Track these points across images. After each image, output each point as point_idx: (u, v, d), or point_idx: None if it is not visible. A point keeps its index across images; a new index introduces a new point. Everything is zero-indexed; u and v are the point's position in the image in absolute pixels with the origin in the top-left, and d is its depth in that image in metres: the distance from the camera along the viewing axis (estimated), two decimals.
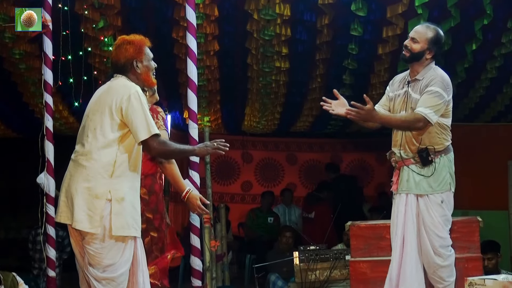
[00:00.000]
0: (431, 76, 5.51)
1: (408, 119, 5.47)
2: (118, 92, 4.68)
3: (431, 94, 5.43)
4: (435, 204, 5.51)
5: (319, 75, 10.21)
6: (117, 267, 4.62)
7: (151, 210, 5.73)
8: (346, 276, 7.40)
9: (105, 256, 4.59)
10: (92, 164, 4.60)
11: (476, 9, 8.25)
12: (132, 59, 4.83)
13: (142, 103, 4.66)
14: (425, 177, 5.52)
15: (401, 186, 5.60)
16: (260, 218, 12.05)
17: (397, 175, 5.66)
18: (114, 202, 4.56)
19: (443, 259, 5.51)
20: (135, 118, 4.60)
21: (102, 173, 4.59)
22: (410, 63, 5.64)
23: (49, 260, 7.37)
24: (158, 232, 5.76)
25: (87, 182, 4.58)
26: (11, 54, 9.49)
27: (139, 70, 4.84)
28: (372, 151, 13.92)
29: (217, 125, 12.96)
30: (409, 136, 5.56)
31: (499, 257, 7.66)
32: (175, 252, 5.93)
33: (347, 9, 8.21)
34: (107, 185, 4.58)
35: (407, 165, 5.59)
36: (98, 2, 8.40)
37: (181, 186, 5.58)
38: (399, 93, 5.70)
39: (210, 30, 8.93)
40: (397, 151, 5.64)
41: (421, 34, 5.59)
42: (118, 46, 4.89)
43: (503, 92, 10.95)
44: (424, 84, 5.52)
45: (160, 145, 4.67)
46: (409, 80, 5.64)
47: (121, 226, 4.57)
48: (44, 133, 7.33)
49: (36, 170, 7.38)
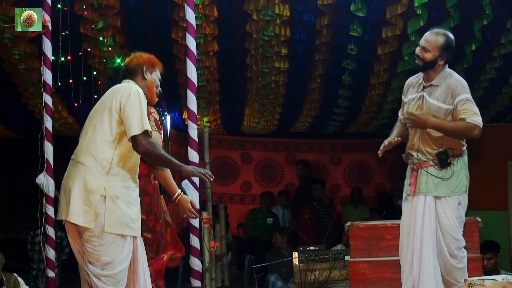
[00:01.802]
0: (451, 84, 5.59)
1: (461, 127, 5.52)
2: (120, 91, 4.77)
3: (466, 102, 5.53)
4: (452, 206, 5.56)
5: (319, 75, 10.22)
6: (116, 264, 4.66)
7: (144, 211, 5.71)
8: (346, 276, 7.40)
9: (103, 253, 4.63)
10: (89, 160, 4.65)
11: (476, 9, 8.24)
12: (143, 65, 4.97)
13: (141, 102, 4.71)
14: (443, 180, 5.56)
15: (420, 187, 5.61)
16: (259, 219, 12.06)
17: (415, 177, 5.67)
18: (108, 199, 4.61)
19: (458, 260, 5.56)
20: (131, 113, 4.65)
21: (99, 168, 4.64)
22: (425, 71, 5.68)
23: (49, 261, 7.37)
24: (152, 233, 5.74)
25: (83, 177, 4.63)
26: (10, 54, 9.48)
27: (147, 77, 4.97)
28: (371, 152, 13.84)
29: (216, 126, 12.96)
30: (427, 139, 5.62)
31: (498, 257, 7.67)
32: (173, 253, 5.91)
33: (346, 10, 8.21)
34: (102, 181, 4.63)
35: (425, 167, 5.62)
36: (98, 2, 8.40)
37: (172, 188, 5.61)
38: (413, 97, 5.74)
39: (209, 31, 8.93)
40: (414, 153, 5.67)
41: (431, 42, 5.59)
42: (134, 54, 5.08)
43: (503, 92, 10.95)
44: (446, 93, 5.57)
45: (148, 144, 4.68)
46: (425, 85, 5.67)
47: (114, 223, 4.62)
48: (44, 134, 7.33)
49: (35, 171, 7.38)
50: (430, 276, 5.48)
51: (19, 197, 13.93)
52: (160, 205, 5.87)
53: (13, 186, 14.10)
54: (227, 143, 14.00)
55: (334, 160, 14.48)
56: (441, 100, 5.59)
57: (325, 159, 14.51)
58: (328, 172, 14.44)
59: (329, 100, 11.29)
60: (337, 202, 13.90)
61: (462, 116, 5.50)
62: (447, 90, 5.58)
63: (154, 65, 5.04)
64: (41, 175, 7.33)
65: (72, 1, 8.23)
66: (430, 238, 5.50)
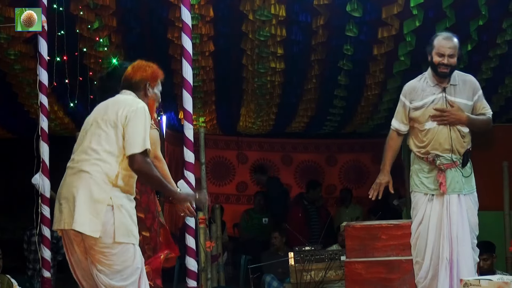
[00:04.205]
0: (469, 80, 5.86)
1: (487, 121, 5.91)
2: (127, 103, 4.69)
3: (482, 97, 5.88)
4: (474, 203, 5.81)
5: (315, 75, 10.22)
6: (129, 274, 4.60)
7: (143, 210, 5.73)
8: (341, 276, 7.41)
9: (115, 262, 4.56)
10: (95, 170, 4.56)
11: (472, 10, 8.26)
12: (147, 80, 4.87)
13: (146, 119, 4.65)
14: (466, 177, 5.77)
15: (454, 186, 5.72)
16: (254, 219, 12.05)
17: (444, 177, 5.73)
18: (116, 208, 4.54)
19: (476, 256, 5.77)
20: (135, 130, 4.58)
21: (105, 179, 4.56)
22: (450, 75, 5.78)
23: (44, 261, 7.36)
24: (150, 231, 5.76)
25: (89, 186, 4.54)
26: (6, 54, 9.47)
27: (149, 93, 4.88)
28: (367, 152, 13.92)
29: (212, 126, 12.95)
30: (459, 139, 5.76)
31: (494, 258, 7.69)
32: (168, 252, 5.92)
33: (342, 10, 8.21)
34: (108, 192, 4.55)
35: (455, 166, 5.75)
36: (93, 2, 8.39)
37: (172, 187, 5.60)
38: (431, 99, 5.79)
39: (205, 31, 8.93)
40: (446, 154, 5.74)
41: (456, 47, 5.72)
42: (138, 65, 4.94)
43: (498, 93, 10.96)
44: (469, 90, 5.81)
45: (145, 163, 4.60)
46: (445, 86, 5.76)
47: (123, 233, 4.55)
48: (39, 134, 7.32)
49: (31, 171, 7.37)
50: (471, 273, 5.59)
51: (15, 198, 13.90)
52: (156, 204, 5.88)
53: (8, 186, 14.07)
54: (223, 143, 14.00)
55: (329, 160, 14.48)
56: (466, 97, 5.79)
57: (320, 159, 14.51)
58: (324, 172, 14.44)
59: (325, 101, 11.29)
60: (332, 202, 13.91)
61: (482, 111, 5.87)
62: (468, 87, 5.82)
63: (157, 78, 4.93)
64: (36, 175, 7.32)
65: (68, 1, 8.22)
66: (467, 236, 5.67)
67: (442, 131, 5.73)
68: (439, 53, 5.68)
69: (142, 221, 5.73)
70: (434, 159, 5.76)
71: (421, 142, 5.81)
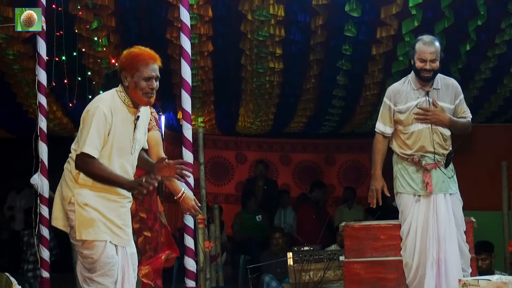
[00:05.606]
0: (451, 84, 5.94)
1: (467, 124, 5.97)
2: (90, 103, 4.71)
3: (463, 100, 5.98)
4: (459, 201, 5.89)
5: (313, 75, 10.22)
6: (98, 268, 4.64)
7: (145, 210, 5.74)
8: (340, 277, 7.39)
9: (83, 256, 4.66)
10: (66, 168, 4.73)
11: (470, 9, 8.27)
12: (121, 71, 4.71)
13: (98, 120, 4.56)
14: (449, 178, 5.85)
15: (439, 186, 5.79)
16: (247, 220, 11.98)
17: (429, 177, 5.80)
18: (77, 206, 4.61)
19: (467, 250, 5.86)
20: (82, 131, 4.62)
21: (71, 177, 4.66)
22: (433, 79, 5.82)
23: (43, 261, 7.37)
24: (152, 232, 5.76)
25: (61, 183, 4.74)
26: (4, 54, 9.47)
27: (126, 83, 4.68)
28: (366, 152, 13.85)
29: (211, 126, 12.96)
30: (441, 140, 5.83)
31: (493, 258, 7.68)
32: (169, 253, 5.93)
33: (341, 10, 8.21)
34: (72, 189, 4.65)
35: (440, 166, 5.82)
36: (92, 2, 8.39)
37: (176, 187, 5.60)
38: (415, 103, 5.84)
39: (204, 31, 8.93)
40: (430, 155, 5.81)
41: (437, 51, 5.74)
42: (122, 55, 4.79)
43: (497, 92, 10.97)
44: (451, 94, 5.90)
45: (84, 164, 4.56)
46: (428, 90, 5.81)
47: (89, 230, 4.60)
48: (38, 134, 7.31)
49: (29, 171, 7.37)
50: (459, 271, 5.66)
51: None
52: (157, 205, 5.89)
53: (7, 186, 14.06)
54: (221, 143, 13.99)
55: (328, 160, 14.48)
56: (448, 101, 5.87)
57: (319, 159, 14.51)
58: (323, 172, 14.44)
59: (323, 100, 11.30)
60: (331, 202, 13.89)
61: (463, 115, 5.94)
62: (450, 90, 5.89)
63: (136, 65, 4.64)
64: (35, 176, 7.32)
65: (67, 1, 8.22)
66: (454, 234, 5.74)
67: (425, 134, 5.80)
68: (420, 58, 5.72)
69: (145, 221, 5.74)
70: (420, 159, 5.82)
71: (405, 144, 5.89)
